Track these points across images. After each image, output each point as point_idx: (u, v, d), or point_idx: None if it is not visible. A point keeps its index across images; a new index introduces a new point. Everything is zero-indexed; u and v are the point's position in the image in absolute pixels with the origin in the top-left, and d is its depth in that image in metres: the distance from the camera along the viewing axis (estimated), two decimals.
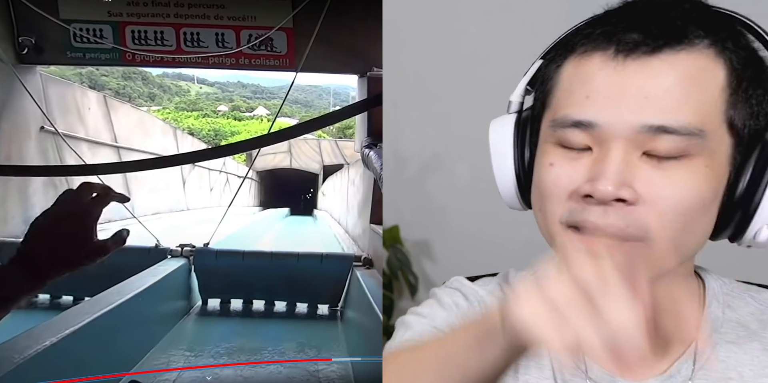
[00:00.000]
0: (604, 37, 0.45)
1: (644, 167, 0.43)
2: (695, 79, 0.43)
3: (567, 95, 0.46)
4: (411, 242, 1.50)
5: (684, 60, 0.43)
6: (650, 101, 0.42)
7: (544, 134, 0.49)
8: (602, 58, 0.44)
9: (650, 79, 0.43)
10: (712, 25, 0.44)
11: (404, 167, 1.46)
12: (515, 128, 0.53)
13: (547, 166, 0.47)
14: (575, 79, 0.46)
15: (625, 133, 0.43)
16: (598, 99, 0.44)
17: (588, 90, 0.45)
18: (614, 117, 0.43)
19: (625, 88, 0.43)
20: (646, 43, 0.43)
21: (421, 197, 1.45)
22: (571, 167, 0.45)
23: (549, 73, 0.49)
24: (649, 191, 0.42)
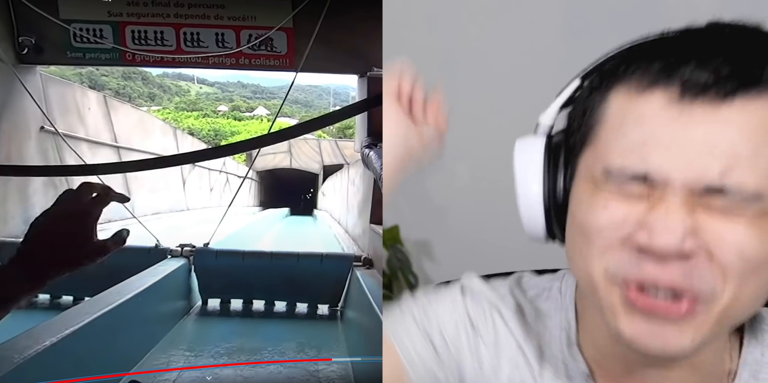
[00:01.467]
0: (665, 72, 0.40)
1: (702, 216, 0.39)
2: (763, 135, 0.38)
3: (617, 137, 0.41)
4: (411, 242, 1.49)
5: (759, 110, 0.38)
6: (714, 154, 0.38)
7: (590, 174, 0.44)
8: (663, 98, 0.39)
9: (717, 129, 0.38)
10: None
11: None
12: (546, 153, 0.48)
13: (601, 208, 0.42)
14: (629, 118, 0.41)
15: (684, 188, 0.39)
16: (657, 147, 0.39)
17: (645, 134, 0.40)
18: (674, 171, 0.39)
19: (689, 137, 0.38)
20: (718, 85, 0.38)
21: (421, 197, 1.45)
22: (628, 210, 0.41)
23: (592, 103, 0.45)
24: (714, 241, 0.38)
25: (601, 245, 0.42)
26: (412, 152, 0.56)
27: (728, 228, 0.38)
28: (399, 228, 1.49)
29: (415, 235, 1.49)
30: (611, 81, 0.43)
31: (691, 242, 0.38)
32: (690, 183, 0.39)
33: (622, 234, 0.41)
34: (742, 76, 0.38)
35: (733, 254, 0.38)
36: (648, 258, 0.39)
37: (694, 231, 0.38)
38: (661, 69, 0.40)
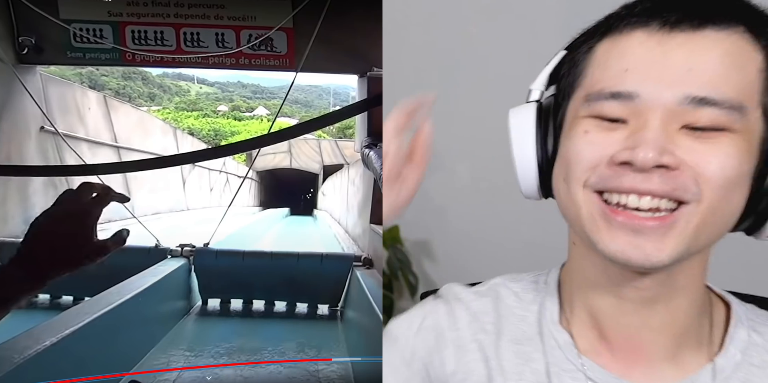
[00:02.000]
0: (645, 14, 0.44)
1: (684, 137, 0.42)
2: (736, 58, 0.42)
3: (602, 70, 0.45)
4: (411, 242, 1.50)
5: (725, 39, 0.42)
6: (694, 73, 0.42)
7: (575, 109, 0.47)
8: (644, 33, 0.43)
9: (694, 53, 0.42)
10: (750, 13, 0.44)
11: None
12: (537, 116, 0.51)
13: (582, 133, 0.45)
14: (612, 54, 0.45)
15: (666, 104, 0.42)
16: (639, 70, 0.43)
17: (627, 63, 0.43)
18: (656, 87, 0.42)
19: (669, 60, 0.42)
20: (690, 19, 0.42)
21: (421, 197, 1.44)
22: (607, 135, 0.44)
23: (578, 58, 0.48)
24: (692, 158, 0.41)
25: (582, 166, 0.44)
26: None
27: (709, 149, 0.41)
28: (399, 228, 1.49)
29: (415, 235, 1.49)
30: (597, 35, 0.47)
31: (670, 158, 0.41)
32: (671, 99, 0.41)
33: (602, 156, 0.43)
34: (710, 13, 0.42)
35: (716, 169, 0.41)
36: (629, 171, 0.42)
37: (673, 150, 0.41)
38: (640, 12, 0.44)
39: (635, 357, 0.50)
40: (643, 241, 0.42)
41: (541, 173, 0.51)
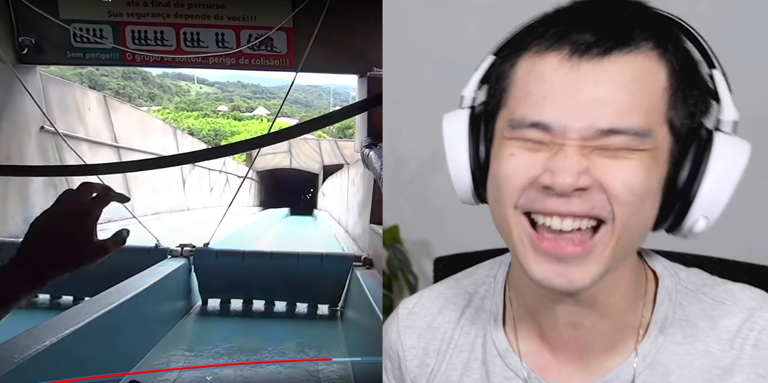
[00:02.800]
0: (557, 37, 0.46)
1: (597, 157, 0.45)
2: (641, 81, 0.45)
3: (524, 95, 0.47)
4: (411, 242, 1.51)
5: (632, 62, 0.45)
6: (601, 105, 0.44)
7: (501, 130, 0.50)
8: (557, 59, 0.46)
9: (601, 83, 0.45)
10: (656, 28, 0.46)
11: (404, 167, 1.47)
12: (469, 122, 0.53)
13: (508, 155, 0.48)
14: (531, 78, 0.47)
15: (579, 133, 0.45)
16: (554, 101, 0.45)
17: (544, 91, 0.46)
18: (569, 120, 0.45)
19: (579, 91, 0.45)
20: (598, 44, 0.45)
21: (421, 197, 1.46)
22: (531, 157, 0.47)
23: (504, 71, 0.50)
24: (604, 177, 0.45)
25: (511, 189, 0.47)
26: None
27: (618, 166, 0.45)
28: (399, 228, 1.49)
29: (415, 235, 1.50)
30: (518, 51, 0.49)
31: (585, 179, 0.44)
32: (583, 130, 0.45)
33: (528, 178, 0.46)
34: (616, 36, 0.45)
35: (623, 187, 0.44)
36: (552, 194, 0.45)
37: (588, 170, 0.44)
38: (554, 34, 0.46)
39: (572, 355, 0.53)
40: (566, 268, 0.46)
41: (475, 180, 0.53)
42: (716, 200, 0.46)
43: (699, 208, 0.47)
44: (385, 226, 1.52)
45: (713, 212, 0.47)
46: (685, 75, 0.47)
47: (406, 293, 1.51)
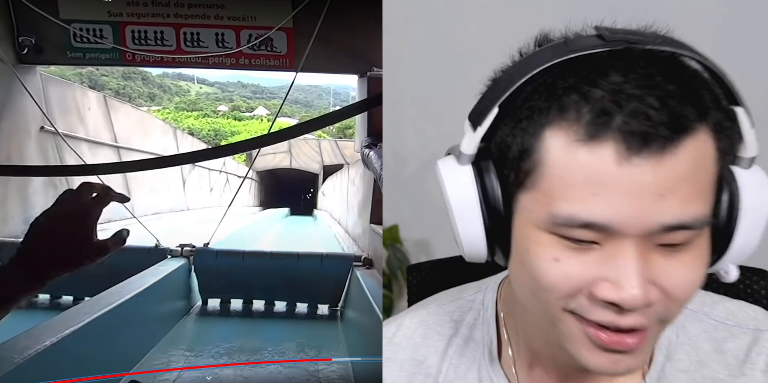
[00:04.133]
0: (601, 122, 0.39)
1: (658, 258, 0.41)
2: (701, 168, 0.41)
3: (566, 186, 0.41)
4: (410, 242, 1.50)
5: (692, 149, 0.40)
6: (666, 200, 0.39)
7: (536, 219, 0.43)
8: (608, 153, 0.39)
9: (664, 176, 0.39)
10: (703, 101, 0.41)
11: (404, 166, 1.47)
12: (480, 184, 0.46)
13: (551, 260, 0.42)
14: (573, 167, 0.41)
15: (640, 233, 0.40)
16: (608, 198, 0.39)
17: (594, 187, 0.40)
18: (629, 218, 0.40)
19: (637, 187, 0.39)
20: (656, 137, 0.39)
21: (421, 197, 1.45)
22: (580, 263, 0.42)
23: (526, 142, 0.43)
24: (668, 283, 0.41)
25: (558, 296, 0.43)
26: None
27: (680, 266, 0.41)
28: (398, 228, 1.49)
29: (415, 235, 1.49)
30: (539, 121, 0.42)
31: (653, 292, 0.40)
32: (646, 229, 0.40)
33: (579, 286, 0.42)
34: (676, 123, 0.39)
35: (685, 290, 0.41)
36: (608, 307, 0.41)
37: (652, 279, 0.40)
38: (595, 118, 0.40)
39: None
40: (622, 357, 0.43)
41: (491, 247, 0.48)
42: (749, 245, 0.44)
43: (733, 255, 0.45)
44: (385, 226, 1.52)
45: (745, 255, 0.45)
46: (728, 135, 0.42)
47: (406, 293, 1.49)
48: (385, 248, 1.49)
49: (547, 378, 0.52)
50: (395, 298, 1.53)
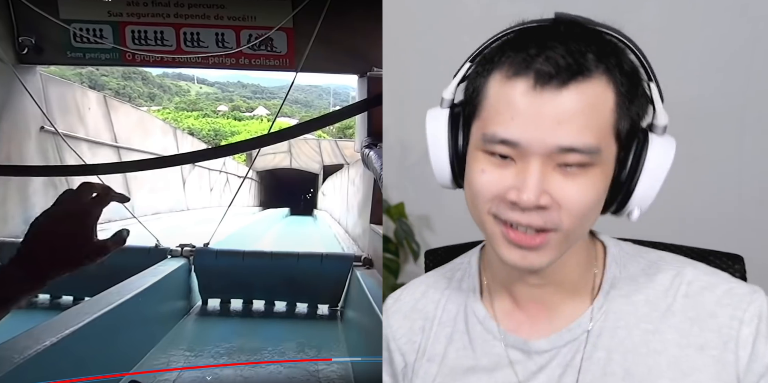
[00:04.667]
0: (524, 64, 0.53)
1: (557, 176, 0.54)
2: (594, 106, 0.53)
3: (495, 114, 0.55)
4: (414, 217, 1.69)
5: (586, 89, 0.52)
6: (561, 126, 0.52)
7: (475, 140, 0.58)
8: (523, 86, 0.53)
9: (561, 108, 0.52)
10: (605, 55, 0.54)
11: (408, 154, 1.64)
12: (450, 123, 0.62)
13: (479, 171, 0.57)
14: (501, 99, 0.55)
15: (541, 151, 0.53)
16: (521, 121, 0.53)
17: (512, 112, 0.54)
18: (534, 138, 0.53)
19: (542, 114, 0.52)
20: (558, 76, 0.52)
21: (424, 180, 1.61)
22: (499, 174, 0.55)
23: (478, 85, 0.58)
24: (561, 196, 0.54)
25: (484, 198, 0.57)
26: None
27: (573, 186, 0.54)
28: (404, 205, 1.68)
29: (418, 211, 1.68)
30: (490, 67, 0.57)
31: (545, 198, 0.53)
32: (545, 146, 0.53)
33: (497, 193, 0.56)
34: (573, 67, 0.52)
35: (575, 204, 0.54)
36: (516, 207, 0.55)
37: (548, 190, 0.53)
38: (521, 61, 0.54)
39: (540, 313, 0.64)
40: (527, 254, 0.56)
41: (453, 171, 0.63)
42: (648, 194, 0.57)
43: (635, 201, 0.58)
44: (392, 203, 1.69)
45: (645, 203, 0.58)
46: (630, 93, 0.55)
47: (411, 258, 1.73)
48: (393, 221, 1.71)
49: (515, 308, 0.66)
50: (402, 262, 1.76)
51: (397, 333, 0.71)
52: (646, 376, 0.58)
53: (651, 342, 0.59)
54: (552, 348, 0.62)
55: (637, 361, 0.59)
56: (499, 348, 0.64)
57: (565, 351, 0.61)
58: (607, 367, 0.59)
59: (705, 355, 0.57)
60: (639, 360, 0.59)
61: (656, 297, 0.61)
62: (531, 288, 0.63)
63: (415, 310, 0.71)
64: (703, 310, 0.59)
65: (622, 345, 0.60)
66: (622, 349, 0.60)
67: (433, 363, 0.67)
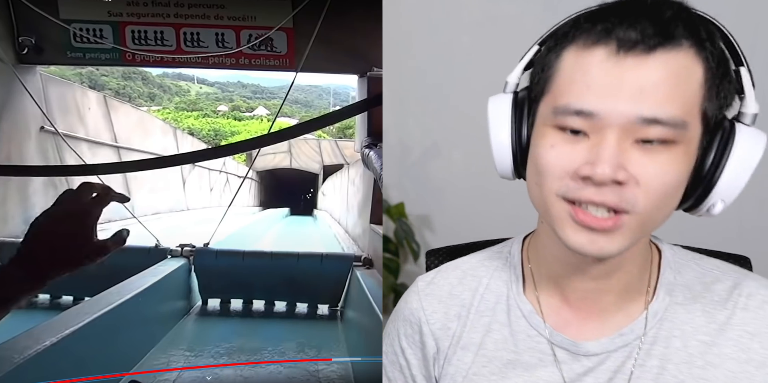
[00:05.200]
0: (605, 32, 0.49)
1: (635, 152, 0.49)
2: (681, 76, 0.49)
3: (568, 84, 0.51)
4: (414, 216, 1.69)
5: (673, 58, 0.48)
6: (644, 95, 0.48)
7: (544, 117, 0.54)
8: (604, 53, 0.49)
9: (645, 75, 0.48)
10: (695, 27, 0.50)
11: (408, 153, 1.64)
12: (513, 106, 0.58)
13: (549, 147, 0.52)
14: (576, 69, 0.51)
15: (620, 122, 0.48)
16: (598, 90, 0.49)
17: (589, 81, 0.50)
18: (612, 108, 0.48)
19: (623, 82, 0.48)
20: (644, 42, 0.48)
21: (423, 179, 1.65)
22: (571, 149, 0.51)
23: (549, 61, 0.54)
24: (640, 173, 0.49)
25: (552, 178, 0.52)
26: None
27: (653, 163, 0.49)
28: (404, 205, 1.68)
29: (418, 210, 1.68)
30: (564, 43, 0.53)
31: (623, 173, 0.49)
32: (626, 116, 0.48)
33: (568, 169, 0.51)
34: (660, 34, 0.48)
35: (654, 183, 0.49)
36: (589, 184, 0.50)
37: (625, 165, 0.49)
38: (601, 30, 0.50)
39: (591, 313, 0.61)
40: (597, 238, 0.51)
41: (515, 160, 0.59)
42: (734, 186, 0.52)
43: (719, 192, 0.52)
44: (392, 203, 1.69)
45: (730, 196, 0.53)
46: (719, 71, 0.50)
47: (410, 258, 1.73)
48: (393, 221, 1.70)
49: (563, 305, 0.62)
50: (401, 262, 1.75)
51: (431, 318, 0.67)
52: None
53: (707, 354, 0.56)
54: (603, 351, 0.59)
55: (693, 373, 0.56)
56: (545, 346, 0.61)
57: (615, 356, 0.59)
58: (660, 377, 0.57)
59: (764, 373, 0.55)
60: (694, 373, 0.56)
61: (714, 307, 0.58)
62: (585, 283, 0.59)
63: (452, 296, 0.68)
64: (764, 325, 0.56)
65: (677, 355, 0.57)
66: (676, 359, 0.57)
67: (468, 351, 0.64)
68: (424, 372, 0.68)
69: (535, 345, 0.62)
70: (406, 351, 0.68)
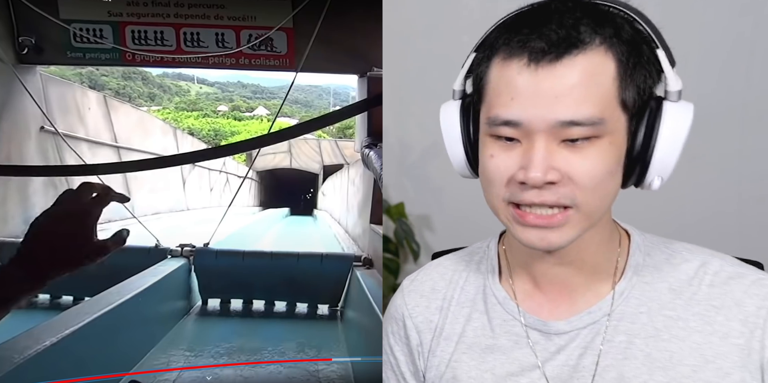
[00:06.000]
0: (520, 44, 0.54)
1: (563, 151, 0.53)
2: (593, 76, 0.52)
3: (497, 95, 0.56)
4: (414, 216, 1.70)
5: (582, 61, 0.52)
6: (559, 101, 0.52)
7: (483, 127, 0.59)
8: (519, 65, 0.54)
9: (558, 83, 0.52)
10: (600, 26, 0.53)
11: (408, 154, 1.64)
12: (461, 114, 0.63)
13: (489, 157, 0.57)
14: (501, 82, 0.55)
15: (544, 127, 0.53)
16: (520, 101, 0.53)
17: (511, 93, 0.54)
18: (534, 116, 0.53)
19: (539, 91, 0.52)
20: (551, 50, 0.52)
21: (423, 180, 1.65)
22: (507, 156, 0.56)
23: (481, 72, 0.59)
24: (570, 170, 0.53)
25: (496, 186, 0.57)
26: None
27: (580, 159, 0.53)
28: (404, 205, 1.68)
29: (418, 210, 1.69)
30: (490, 54, 0.57)
31: (553, 174, 0.53)
32: (547, 124, 0.52)
33: (507, 176, 0.56)
34: (566, 40, 0.52)
35: (584, 177, 0.54)
36: (527, 188, 0.55)
37: (556, 165, 0.53)
38: (517, 42, 0.54)
39: (561, 295, 0.65)
40: (546, 234, 0.56)
41: (469, 159, 0.64)
42: (667, 162, 0.56)
43: (654, 171, 0.57)
44: (392, 203, 1.69)
45: (666, 172, 0.57)
46: (632, 61, 0.54)
47: (411, 258, 1.73)
48: (393, 221, 1.70)
49: (535, 289, 0.66)
50: (401, 262, 1.75)
51: (413, 311, 0.71)
52: (667, 361, 0.58)
53: (673, 328, 0.59)
54: (572, 329, 0.63)
55: (659, 346, 0.59)
56: (519, 328, 0.65)
57: (585, 333, 0.62)
58: (628, 351, 0.60)
59: (729, 343, 0.57)
60: (660, 346, 0.59)
61: (680, 285, 0.61)
62: (551, 268, 0.64)
63: (434, 290, 0.72)
64: (729, 299, 0.59)
65: (644, 330, 0.60)
66: (643, 334, 0.60)
67: (450, 341, 0.68)
68: (411, 368, 0.71)
69: (510, 328, 0.65)
70: (394, 348, 0.72)
